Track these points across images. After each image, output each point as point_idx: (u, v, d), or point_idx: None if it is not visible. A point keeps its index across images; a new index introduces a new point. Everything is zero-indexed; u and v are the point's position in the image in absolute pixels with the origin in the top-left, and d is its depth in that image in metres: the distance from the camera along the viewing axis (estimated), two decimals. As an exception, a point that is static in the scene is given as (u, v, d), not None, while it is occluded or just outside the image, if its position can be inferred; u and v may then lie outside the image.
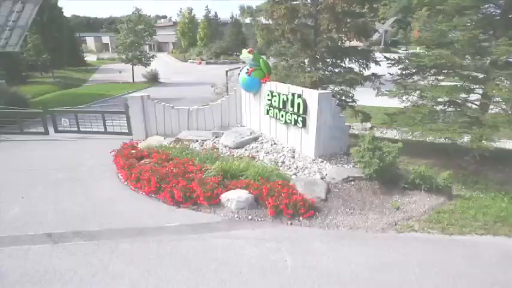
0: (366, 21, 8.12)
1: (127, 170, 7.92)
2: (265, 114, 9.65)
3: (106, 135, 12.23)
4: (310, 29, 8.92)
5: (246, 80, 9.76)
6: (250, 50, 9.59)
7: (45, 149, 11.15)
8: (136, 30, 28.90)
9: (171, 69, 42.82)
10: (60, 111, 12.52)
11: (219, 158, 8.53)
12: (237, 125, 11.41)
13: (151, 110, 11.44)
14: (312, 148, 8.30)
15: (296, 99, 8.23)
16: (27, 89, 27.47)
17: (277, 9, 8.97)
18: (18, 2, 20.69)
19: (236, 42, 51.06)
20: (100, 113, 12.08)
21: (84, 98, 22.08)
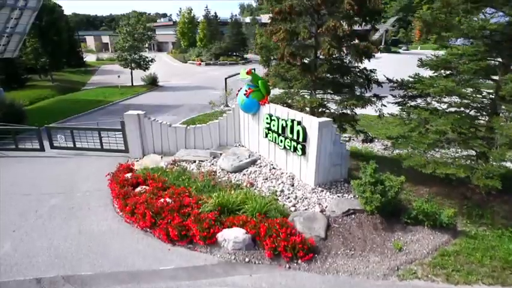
0: (368, 45, 7.85)
1: (122, 200, 7.71)
2: (264, 137, 9.43)
3: (102, 152, 12.02)
4: (310, 52, 8.67)
5: (244, 101, 9.53)
6: (248, 71, 9.34)
7: (40, 168, 10.95)
8: (135, 34, 28.57)
9: (171, 70, 42.42)
10: (56, 128, 12.27)
11: (216, 185, 8.33)
12: (236, 144, 11.18)
13: (148, 128, 11.21)
14: (311, 176, 8.08)
15: (296, 126, 8.01)
16: (25, 94, 27.33)
17: (276, 28, 8.71)
18: (16, 9, 20.41)
19: (236, 43, 50.64)
20: (96, 130, 11.84)
21: (82, 105, 21.82)
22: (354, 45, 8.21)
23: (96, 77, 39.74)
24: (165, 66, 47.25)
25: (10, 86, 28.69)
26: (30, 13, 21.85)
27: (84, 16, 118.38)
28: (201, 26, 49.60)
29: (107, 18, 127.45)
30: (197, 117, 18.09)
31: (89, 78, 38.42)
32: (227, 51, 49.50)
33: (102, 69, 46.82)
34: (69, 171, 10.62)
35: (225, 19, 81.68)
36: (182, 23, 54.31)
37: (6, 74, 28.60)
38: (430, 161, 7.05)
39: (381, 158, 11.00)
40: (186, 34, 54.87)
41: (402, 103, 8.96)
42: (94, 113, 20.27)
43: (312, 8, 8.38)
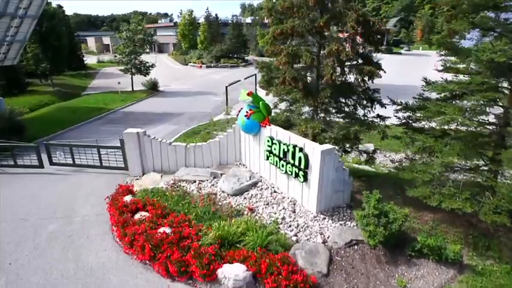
0: (372, 69, 7.66)
1: (121, 229, 7.58)
2: (265, 160, 9.27)
3: (102, 169, 11.89)
4: (312, 74, 8.50)
5: (245, 122, 9.36)
6: (249, 93, 9.17)
7: (39, 188, 10.82)
8: (136, 40, 28.42)
9: (171, 73, 42.20)
10: (55, 144, 12.14)
11: (217, 211, 8.19)
12: (236, 163, 11.03)
13: (148, 146, 11.06)
14: (313, 203, 7.93)
15: (297, 153, 7.85)
16: (25, 100, 27.27)
17: (278, 49, 8.53)
18: (17, 17, 20.28)
19: (237, 45, 50.39)
20: (95, 148, 11.71)
21: (83, 113, 21.67)
22: (358, 69, 8.02)
23: (97, 80, 39.60)
24: (166, 68, 47.03)
25: (11, 92, 28.67)
26: (30, 21, 21.73)
27: (85, 16, 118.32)
28: (201, 29, 49.39)
29: (108, 18, 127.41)
30: (197, 128, 17.94)
31: (90, 82, 38.29)
32: (228, 53, 49.29)
33: (103, 72, 46.65)
34: (68, 191, 10.49)
35: (226, 20, 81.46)
36: (183, 25, 54.11)
37: (7, 79, 28.52)
38: (436, 192, 6.88)
39: (384, 177, 10.84)
40: (187, 36, 54.70)
41: (406, 126, 8.79)
42: (94, 122, 20.15)
43: (314, 29, 8.20)
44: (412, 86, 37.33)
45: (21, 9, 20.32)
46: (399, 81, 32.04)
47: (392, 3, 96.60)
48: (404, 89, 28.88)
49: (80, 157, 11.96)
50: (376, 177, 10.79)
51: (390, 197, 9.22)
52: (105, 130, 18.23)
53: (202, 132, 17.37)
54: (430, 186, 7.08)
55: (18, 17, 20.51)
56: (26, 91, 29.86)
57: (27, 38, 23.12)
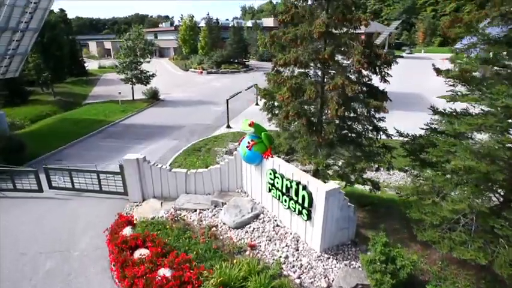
0: (380, 104, 7.43)
1: (120, 269, 7.39)
2: (267, 192, 9.07)
3: (101, 194, 11.72)
4: (316, 105, 8.29)
5: (246, 153, 9.16)
6: (251, 123, 8.96)
7: (38, 215, 10.66)
8: (136, 49, 28.27)
9: (172, 80, 41.99)
10: (55, 169, 11.97)
11: (218, 249, 7.99)
12: (237, 190, 10.83)
13: (148, 172, 10.88)
14: (317, 242, 7.72)
15: (301, 191, 7.64)
16: (27, 110, 27.18)
17: (280, 79, 8.34)
18: (18, 31, 20.18)
19: (237, 50, 50.24)
20: (95, 173, 11.53)
21: (83, 126, 21.49)
22: (364, 102, 7.80)
23: (98, 88, 39.47)
24: (167, 74, 46.84)
25: (13, 101, 28.57)
26: (32, 34, 21.62)
27: (87, 19, 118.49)
28: (202, 34, 49.21)
29: (109, 21, 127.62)
30: (198, 144, 17.70)
31: (91, 90, 38.16)
32: (228, 58, 49.11)
33: (104, 78, 46.54)
34: (67, 219, 10.32)
35: (227, 24, 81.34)
36: (184, 30, 53.95)
37: (9, 89, 28.45)
38: (445, 237, 6.65)
39: (389, 204, 10.59)
40: (188, 41, 54.54)
41: (413, 158, 8.57)
42: (95, 136, 19.96)
43: (318, 60, 8.00)
44: (415, 94, 37.04)
45: (23, 23, 20.23)
46: (401, 89, 31.69)
47: (394, 6, 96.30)
48: (407, 97, 28.75)
49: (79, 181, 11.80)
50: (381, 205, 10.55)
51: (396, 231, 9.01)
52: (105, 146, 18.08)
53: (203, 148, 17.18)
54: (439, 229, 6.85)
55: (20, 30, 20.41)
56: (28, 100, 29.79)
57: (28, 51, 23.02)
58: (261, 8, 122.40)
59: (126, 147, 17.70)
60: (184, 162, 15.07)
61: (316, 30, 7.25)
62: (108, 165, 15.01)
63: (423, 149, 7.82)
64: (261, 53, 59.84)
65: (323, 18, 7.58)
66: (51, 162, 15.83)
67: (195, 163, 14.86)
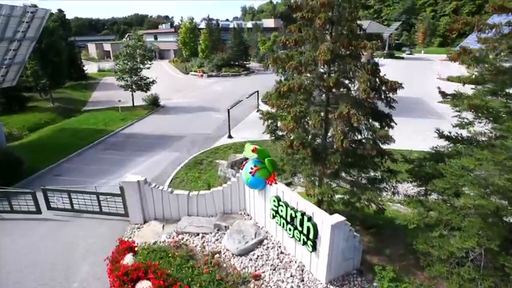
0: (387, 134, 7.25)
1: (121, 305, 7.23)
2: (271, 218, 8.90)
3: (101, 215, 11.55)
4: (320, 132, 8.11)
5: (249, 179, 8.97)
6: (254, 149, 8.78)
7: (36, 239, 10.49)
8: (135, 56, 28.04)
9: (172, 84, 41.70)
10: (53, 190, 11.78)
11: (222, 280, 7.83)
12: (240, 212, 10.65)
13: (149, 194, 10.71)
14: (323, 273, 7.56)
15: (306, 222, 7.47)
16: (25, 118, 26.95)
17: (284, 104, 8.15)
18: (15, 41, 19.94)
19: (238, 53, 49.96)
20: (95, 194, 11.35)
21: (82, 136, 21.25)
22: (371, 130, 7.60)
23: (97, 93, 39.21)
24: (167, 77, 46.54)
25: (10, 108, 28.32)
26: (29, 43, 21.39)
27: (86, 20, 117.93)
28: (202, 37, 48.91)
29: (109, 21, 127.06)
30: (199, 156, 17.48)
31: (90, 95, 37.92)
32: (229, 61, 48.84)
33: (104, 82, 46.26)
34: (65, 244, 10.13)
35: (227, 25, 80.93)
36: (184, 33, 53.65)
37: (7, 96, 28.19)
38: (454, 273, 6.49)
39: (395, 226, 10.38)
40: (188, 44, 54.26)
41: (419, 183, 8.41)
42: (94, 147, 19.73)
43: (323, 87, 7.82)
44: (415, 98, 36.53)
45: (20, 32, 20.00)
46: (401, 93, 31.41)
47: (394, 6, 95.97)
48: (407, 102, 28.41)
49: (79, 202, 11.61)
50: (386, 226, 10.37)
51: (402, 257, 8.84)
52: (105, 159, 17.87)
53: (204, 161, 17.01)
54: (447, 264, 6.68)
55: (17, 40, 20.19)
56: (26, 107, 29.56)
57: (26, 59, 22.82)
58: (261, 8, 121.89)
59: (127, 159, 17.53)
60: (186, 178, 14.90)
61: (322, 57, 7.06)
62: (109, 182, 14.84)
63: (430, 178, 7.64)
64: (262, 55, 59.58)
65: (328, 44, 7.39)
66: (49, 177, 15.71)
67: (196, 179, 14.70)
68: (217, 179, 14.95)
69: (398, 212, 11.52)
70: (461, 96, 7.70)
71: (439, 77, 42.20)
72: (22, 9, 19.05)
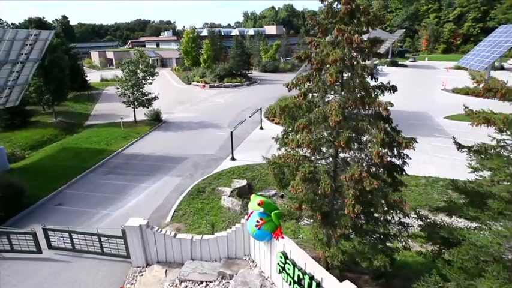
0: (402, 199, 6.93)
1: None
2: (277, 273, 8.58)
3: (103, 256, 11.27)
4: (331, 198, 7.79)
5: (255, 232, 8.67)
6: (260, 202, 8.46)
7: (34, 282, 10.24)
8: (138, 72, 27.89)
9: (174, 95, 41.55)
10: (54, 229, 11.53)
11: None
12: (245, 257, 10.34)
13: (151, 238, 10.43)
14: None
15: (314, 287, 7.15)
16: (27, 135, 26.86)
17: (288, 154, 7.86)
18: (18, 63, 19.82)
19: (240, 63, 49.82)
20: (96, 236, 11.08)
21: (84, 158, 20.96)
22: (383, 195, 7.24)
23: (100, 105, 39.12)
24: (169, 88, 46.42)
25: (13, 123, 28.17)
26: (32, 64, 21.28)
27: (89, 25, 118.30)
28: (205, 47, 48.80)
29: (112, 27, 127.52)
30: (202, 183, 17.16)
31: (93, 108, 37.84)
32: (231, 71, 48.66)
33: (106, 92, 46.23)
34: None
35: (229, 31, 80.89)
36: (186, 42, 53.58)
37: (10, 112, 28.03)
38: None
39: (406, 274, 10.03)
40: (190, 53, 54.17)
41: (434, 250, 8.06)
42: (96, 171, 19.48)
43: (333, 146, 7.53)
44: (421, 113, 35.86)
45: (23, 55, 19.88)
46: (406, 106, 30.85)
47: (397, 12, 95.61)
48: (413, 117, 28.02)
49: (80, 242, 11.34)
50: (396, 274, 10.01)
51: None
52: (107, 184, 17.60)
53: (207, 188, 16.72)
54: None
55: (20, 62, 20.06)
56: (28, 122, 29.45)
57: (29, 80, 22.69)
58: (263, 14, 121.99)
59: (129, 186, 17.26)
60: (189, 209, 14.61)
61: (333, 119, 6.76)
62: (111, 213, 14.60)
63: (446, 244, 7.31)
64: (264, 64, 59.47)
65: (339, 101, 7.10)
66: (51, 207, 15.46)
67: (199, 211, 14.42)
68: (220, 209, 14.70)
69: (409, 254, 11.16)
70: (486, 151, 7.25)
71: (444, 88, 41.74)
72: (25, 33, 18.94)
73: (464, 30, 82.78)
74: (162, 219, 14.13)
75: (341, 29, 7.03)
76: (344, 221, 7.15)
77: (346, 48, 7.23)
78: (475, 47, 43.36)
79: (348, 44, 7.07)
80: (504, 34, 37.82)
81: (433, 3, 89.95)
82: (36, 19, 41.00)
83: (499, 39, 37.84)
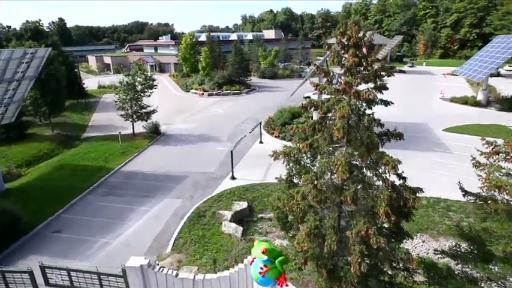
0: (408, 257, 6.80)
1: None
2: (283, 321, 8.42)
3: (102, 294, 11.07)
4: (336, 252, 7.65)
5: (259, 279, 8.45)
6: (264, 250, 8.28)
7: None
8: (136, 85, 27.65)
9: (173, 104, 41.19)
10: (51, 267, 11.28)
11: None
12: (248, 298, 10.18)
13: (153, 278, 10.23)
14: None
15: None
16: (24, 150, 26.51)
17: (293, 204, 7.72)
18: (13, 81, 19.54)
19: (239, 71, 49.65)
20: (96, 274, 10.87)
21: (82, 177, 20.58)
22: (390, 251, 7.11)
23: (97, 115, 38.78)
24: (167, 96, 46.10)
25: (9, 137, 27.76)
26: (28, 82, 21.00)
27: (86, 28, 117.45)
28: (203, 55, 48.60)
29: (109, 29, 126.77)
30: (202, 206, 16.95)
31: (90, 118, 37.49)
32: (230, 78, 48.46)
33: (104, 101, 45.86)
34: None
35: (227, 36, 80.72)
36: (184, 49, 53.37)
37: (6, 125, 27.66)
38: None
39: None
40: (188, 60, 53.97)
41: None
42: (94, 192, 19.19)
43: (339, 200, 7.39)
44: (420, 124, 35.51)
45: (19, 73, 19.59)
46: (405, 116, 30.62)
47: (395, 17, 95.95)
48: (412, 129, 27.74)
49: (79, 280, 11.12)
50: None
51: None
52: (106, 208, 17.35)
53: (207, 212, 16.55)
54: None
55: (16, 80, 19.77)
56: (25, 135, 29.09)
57: (24, 96, 22.41)
58: (262, 17, 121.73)
59: (128, 209, 17.03)
60: (189, 237, 14.42)
61: (340, 176, 6.62)
62: (110, 241, 14.39)
63: None
64: (263, 70, 59.34)
65: (345, 155, 6.96)
66: (48, 234, 15.17)
67: (200, 239, 14.25)
68: (221, 235, 14.54)
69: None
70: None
71: (443, 96, 41.80)
72: (22, 52, 18.68)
73: (461, 35, 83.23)
74: (163, 248, 13.94)
75: (348, 82, 6.89)
76: (350, 277, 7.01)
77: (353, 100, 7.10)
78: (473, 57, 43.47)
79: (356, 97, 6.94)
80: (501, 45, 37.93)
81: (430, 8, 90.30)
82: (32, 27, 40.72)
83: (496, 50, 37.94)
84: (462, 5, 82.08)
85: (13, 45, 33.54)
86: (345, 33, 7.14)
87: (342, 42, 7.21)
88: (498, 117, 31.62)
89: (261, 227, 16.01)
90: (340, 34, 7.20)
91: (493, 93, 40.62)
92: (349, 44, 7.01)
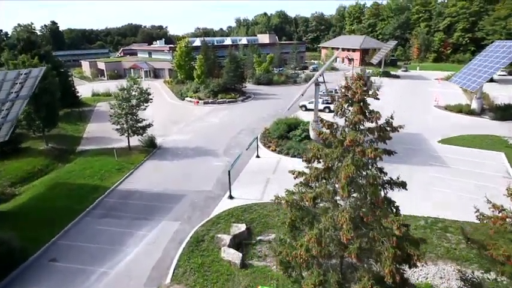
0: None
1: None
2: None
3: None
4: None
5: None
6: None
7: None
8: (131, 99, 27.37)
9: (168, 114, 40.67)
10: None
11: None
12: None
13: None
14: None
15: None
16: (18, 166, 26.08)
17: (300, 259, 7.72)
18: (7, 101, 19.19)
19: (234, 78, 49.47)
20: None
21: (77, 198, 20.22)
22: None
23: (92, 125, 38.26)
24: (163, 104, 45.56)
25: (3, 151, 27.24)
26: (22, 101, 20.64)
27: (79, 31, 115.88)
28: (198, 63, 48.41)
29: (102, 32, 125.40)
30: (201, 231, 16.82)
31: (84, 129, 36.96)
32: (225, 85, 48.25)
33: (98, 109, 45.25)
34: None
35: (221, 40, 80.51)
36: (179, 56, 53.07)
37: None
38: None
39: None
40: (183, 67, 53.69)
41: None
42: (91, 214, 18.92)
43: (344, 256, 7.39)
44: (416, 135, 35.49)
45: (13, 93, 19.25)
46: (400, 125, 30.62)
47: (388, 20, 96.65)
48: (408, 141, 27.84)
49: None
50: None
51: None
52: (104, 232, 17.12)
53: (206, 236, 16.47)
54: None
55: (9, 100, 19.43)
56: (19, 149, 28.60)
57: (18, 115, 22.04)
58: (256, 20, 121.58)
59: (126, 233, 16.87)
60: (189, 266, 14.32)
61: (344, 236, 6.62)
62: (109, 271, 14.20)
63: None
64: (258, 77, 59.28)
65: (350, 212, 6.96)
66: (45, 263, 14.90)
67: (199, 267, 14.15)
68: (220, 262, 14.47)
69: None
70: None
71: (437, 104, 42.17)
72: (15, 74, 18.34)
73: (454, 39, 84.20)
74: (162, 278, 13.81)
75: (353, 140, 6.89)
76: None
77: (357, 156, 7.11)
78: (467, 65, 43.89)
79: (361, 155, 6.95)
80: (496, 54, 38.40)
81: (423, 12, 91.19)
82: (25, 36, 40.13)
83: (491, 59, 38.42)
84: (455, 9, 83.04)
85: (5, 57, 32.93)
86: (350, 87, 7.14)
87: (346, 96, 7.21)
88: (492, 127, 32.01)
89: (259, 250, 15.97)
90: (345, 88, 7.20)
91: (486, 101, 41.05)
92: (354, 99, 7.01)
